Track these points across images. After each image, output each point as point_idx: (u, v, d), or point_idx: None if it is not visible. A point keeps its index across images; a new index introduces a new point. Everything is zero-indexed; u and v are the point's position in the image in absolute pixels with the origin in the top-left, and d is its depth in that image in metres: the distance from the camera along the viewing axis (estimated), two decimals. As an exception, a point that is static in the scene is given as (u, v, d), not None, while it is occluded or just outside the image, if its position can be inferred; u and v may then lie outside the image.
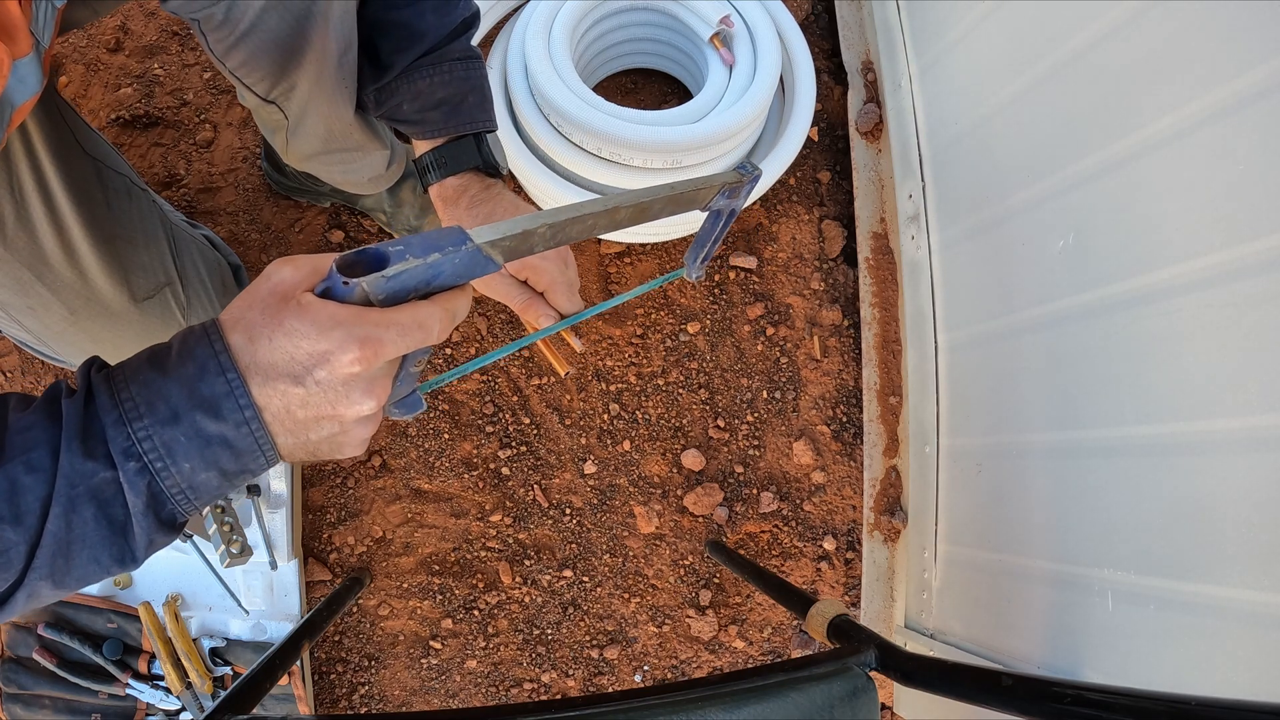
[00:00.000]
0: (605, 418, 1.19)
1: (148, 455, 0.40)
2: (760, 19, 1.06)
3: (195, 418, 0.41)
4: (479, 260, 0.43)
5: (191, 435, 0.41)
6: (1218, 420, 0.64)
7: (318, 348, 0.40)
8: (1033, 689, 0.53)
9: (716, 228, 0.69)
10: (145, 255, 0.86)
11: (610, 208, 0.49)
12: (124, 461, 0.40)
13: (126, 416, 0.40)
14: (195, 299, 0.93)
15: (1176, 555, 0.67)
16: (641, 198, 0.52)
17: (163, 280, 0.88)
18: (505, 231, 0.44)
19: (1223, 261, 0.63)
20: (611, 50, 1.22)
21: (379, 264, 0.41)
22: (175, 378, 0.41)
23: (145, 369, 0.41)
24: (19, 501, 0.39)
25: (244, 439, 0.42)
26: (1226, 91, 0.63)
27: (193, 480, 0.42)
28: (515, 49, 1.06)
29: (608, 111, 0.99)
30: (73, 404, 0.41)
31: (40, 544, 0.40)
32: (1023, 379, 0.91)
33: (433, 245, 0.41)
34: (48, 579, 0.42)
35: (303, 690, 1.12)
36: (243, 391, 0.41)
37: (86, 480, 0.40)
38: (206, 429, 0.41)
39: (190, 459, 0.41)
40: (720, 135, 0.98)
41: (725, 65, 1.05)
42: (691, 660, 1.19)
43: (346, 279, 0.40)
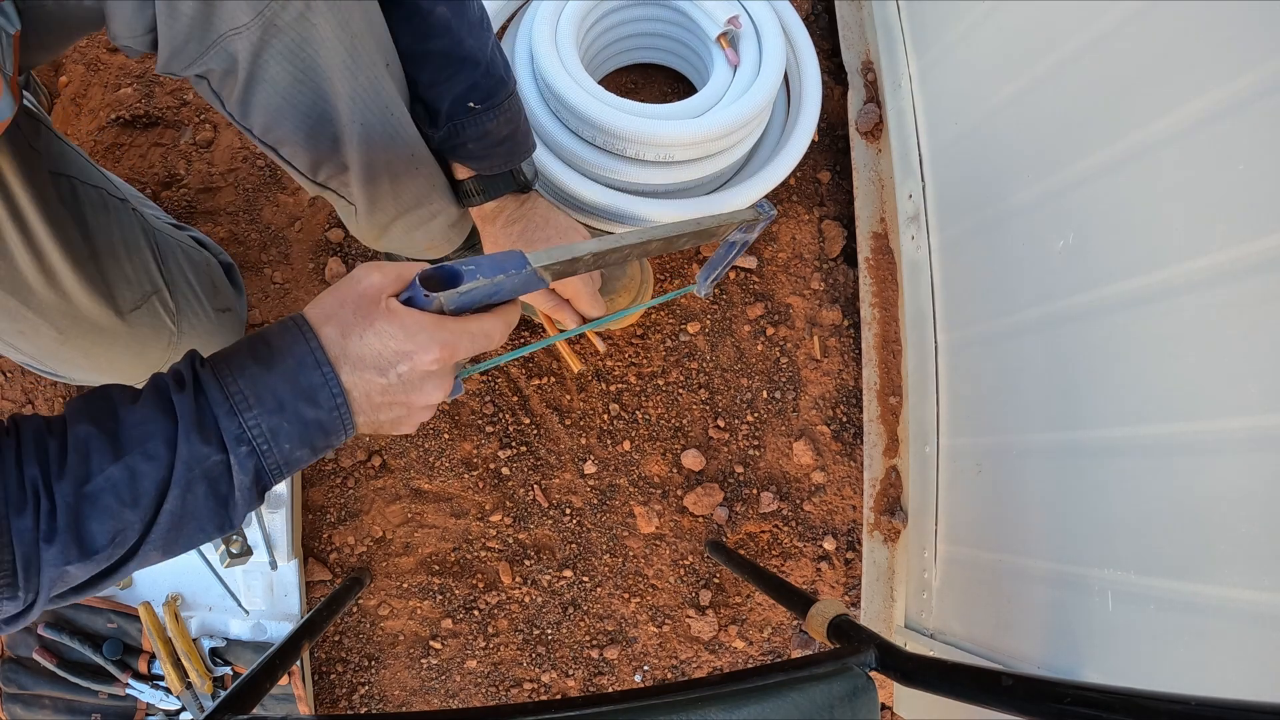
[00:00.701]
0: (605, 418, 1.19)
1: (256, 440, 0.48)
2: (768, 21, 1.06)
3: (298, 406, 0.48)
4: (533, 280, 0.52)
5: (293, 421, 0.48)
6: (1218, 420, 0.64)
7: (404, 347, 0.49)
8: (1033, 689, 0.53)
9: (730, 254, 0.80)
10: (128, 267, 0.85)
11: (644, 240, 0.58)
12: (235, 446, 0.47)
13: (237, 408, 0.47)
14: (184, 303, 0.93)
15: (1177, 555, 0.67)
16: (670, 232, 0.60)
17: (149, 289, 0.87)
18: (557, 257, 0.53)
19: (1223, 261, 0.63)
20: (618, 44, 1.22)
21: (453, 280, 0.49)
22: (278, 372, 0.48)
23: (249, 364, 0.48)
24: (138, 486, 0.45)
25: (334, 421, 0.50)
26: (1226, 92, 0.63)
27: (289, 457, 0.49)
28: (523, 37, 1.06)
29: (608, 102, 0.99)
30: (185, 398, 0.47)
31: (156, 522, 0.47)
32: (1023, 379, 0.91)
33: (498, 267, 0.50)
34: (159, 549, 0.48)
35: (303, 690, 1.12)
36: (335, 382, 0.49)
37: (202, 464, 0.46)
38: (305, 415, 0.49)
39: (290, 440, 0.49)
40: (719, 132, 0.98)
41: (730, 65, 1.05)
42: (691, 660, 1.19)
43: (428, 292, 0.49)
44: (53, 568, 0.44)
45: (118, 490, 0.45)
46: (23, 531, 0.43)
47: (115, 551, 0.46)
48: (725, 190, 1.09)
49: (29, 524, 0.43)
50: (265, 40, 0.58)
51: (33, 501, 0.44)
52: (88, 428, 0.45)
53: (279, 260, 1.20)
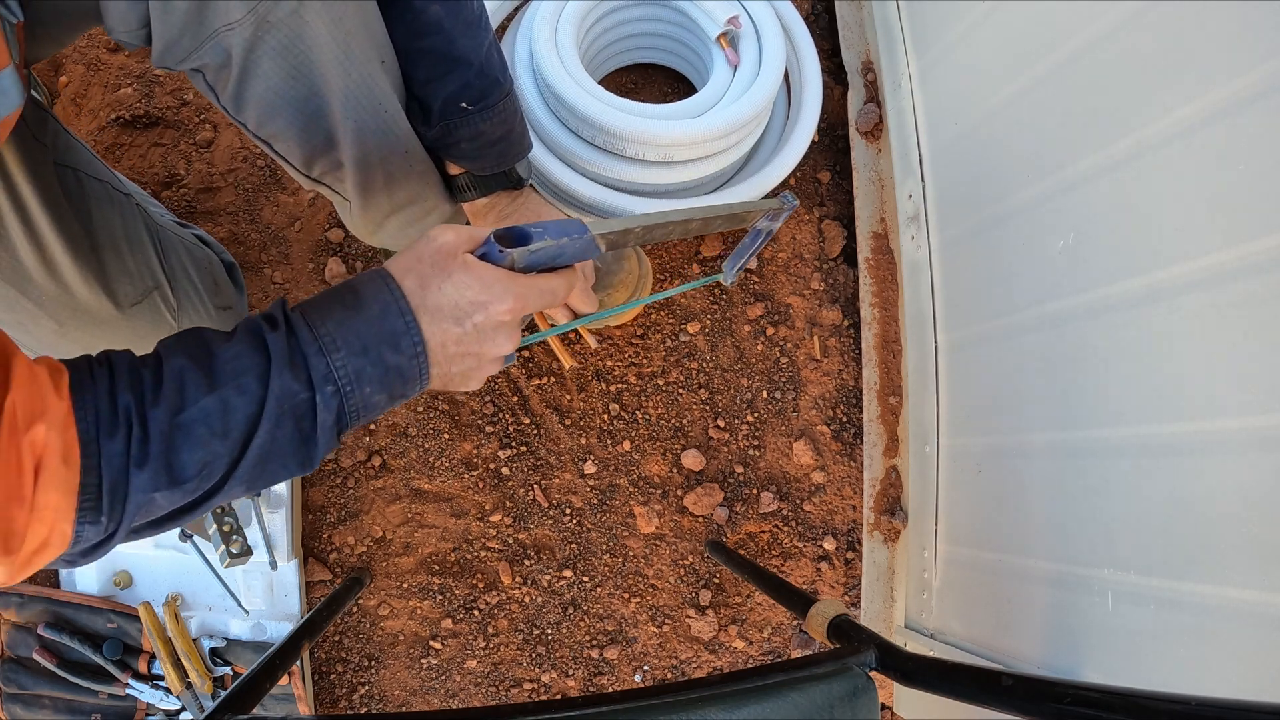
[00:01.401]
0: (605, 418, 1.19)
1: (341, 381, 0.49)
2: (768, 21, 1.06)
3: (381, 350, 0.50)
4: (591, 247, 0.56)
5: (377, 363, 0.50)
6: (1218, 420, 0.64)
7: (480, 298, 0.52)
8: (1033, 689, 0.53)
9: (756, 243, 0.84)
10: (130, 261, 0.85)
11: (684, 219, 0.63)
12: (322, 385, 0.49)
13: (325, 348, 0.49)
14: (185, 299, 0.93)
15: (1177, 555, 0.67)
16: (708, 213, 0.66)
17: (150, 284, 0.87)
18: (613, 227, 0.57)
19: (1223, 262, 0.63)
20: (619, 44, 1.22)
21: (524, 240, 0.53)
22: (364, 317, 0.50)
23: (336, 308, 0.50)
24: (230, 419, 0.46)
25: (412, 368, 0.52)
26: (1226, 92, 0.63)
27: (369, 400, 0.51)
28: (523, 36, 1.06)
29: (608, 102, 0.99)
30: (278, 337, 0.48)
31: (245, 456, 0.47)
32: (1023, 379, 0.91)
33: (563, 230, 0.54)
34: (244, 483, 0.49)
35: (303, 690, 1.12)
36: (416, 329, 0.51)
37: (291, 400, 0.48)
38: (388, 359, 0.51)
39: (372, 384, 0.51)
40: (718, 132, 0.98)
41: (730, 65, 1.05)
42: (691, 660, 1.19)
43: (502, 248, 0.52)
44: (140, 494, 0.45)
45: (210, 421, 0.46)
46: (113, 455, 0.43)
47: (203, 484, 0.47)
48: (725, 190, 1.09)
49: (120, 448, 0.44)
50: (258, 36, 0.58)
51: (125, 427, 0.44)
52: (182, 360, 0.46)
53: (279, 260, 1.20)
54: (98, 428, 0.43)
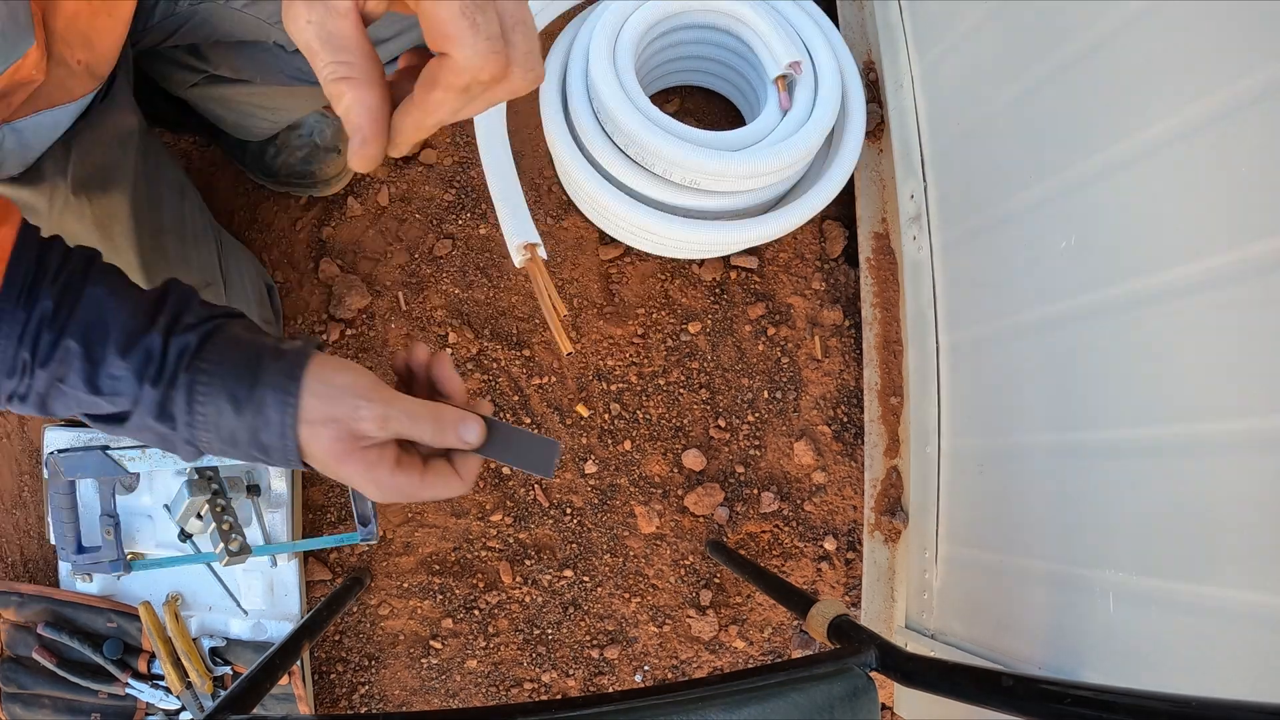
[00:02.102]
0: (606, 417, 1.19)
1: (202, 447, 0.52)
2: (829, 74, 1.03)
3: (250, 451, 0.51)
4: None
5: (244, 454, 0.52)
6: (1219, 422, 0.64)
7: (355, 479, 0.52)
8: (1033, 689, 0.53)
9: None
10: (193, 252, 0.86)
11: None
12: (184, 444, 0.52)
13: (195, 425, 0.51)
14: (237, 303, 0.94)
15: (1178, 556, 0.67)
16: None
17: (207, 279, 0.89)
18: None
19: (1224, 264, 0.63)
20: (676, 63, 1.20)
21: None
22: (245, 420, 0.50)
23: (223, 396, 0.50)
24: (98, 410, 0.52)
25: (284, 464, 0.52)
26: (1227, 94, 0.63)
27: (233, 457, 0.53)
28: (581, 39, 1.05)
29: (649, 116, 0.98)
30: (155, 391, 0.50)
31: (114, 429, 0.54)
32: (1024, 380, 0.91)
33: None
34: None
35: (303, 690, 1.12)
36: (294, 450, 0.50)
37: (153, 429, 0.52)
38: (256, 455, 0.52)
39: (236, 459, 0.53)
40: (747, 172, 0.97)
41: (780, 109, 1.04)
42: (692, 660, 1.19)
43: None
44: (18, 409, 0.54)
45: (82, 404, 0.52)
46: (4, 388, 0.51)
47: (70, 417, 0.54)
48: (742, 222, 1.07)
49: (11, 387, 0.51)
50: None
51: (19, 371, 0.50)
52: (76, 346, 0.50)
53: (280, 261, 1.20)
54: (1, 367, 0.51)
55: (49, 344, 0.50)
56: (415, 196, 1.22)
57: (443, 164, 1.23)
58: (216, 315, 0.54)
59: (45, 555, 1.15)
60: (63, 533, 0.95)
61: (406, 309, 1.19)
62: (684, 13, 1.09)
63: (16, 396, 0.52)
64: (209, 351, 0.51)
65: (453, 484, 0.54)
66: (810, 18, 1.09)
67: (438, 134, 1.24)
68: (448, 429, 0.52)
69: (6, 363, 0.50)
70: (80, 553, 0.96)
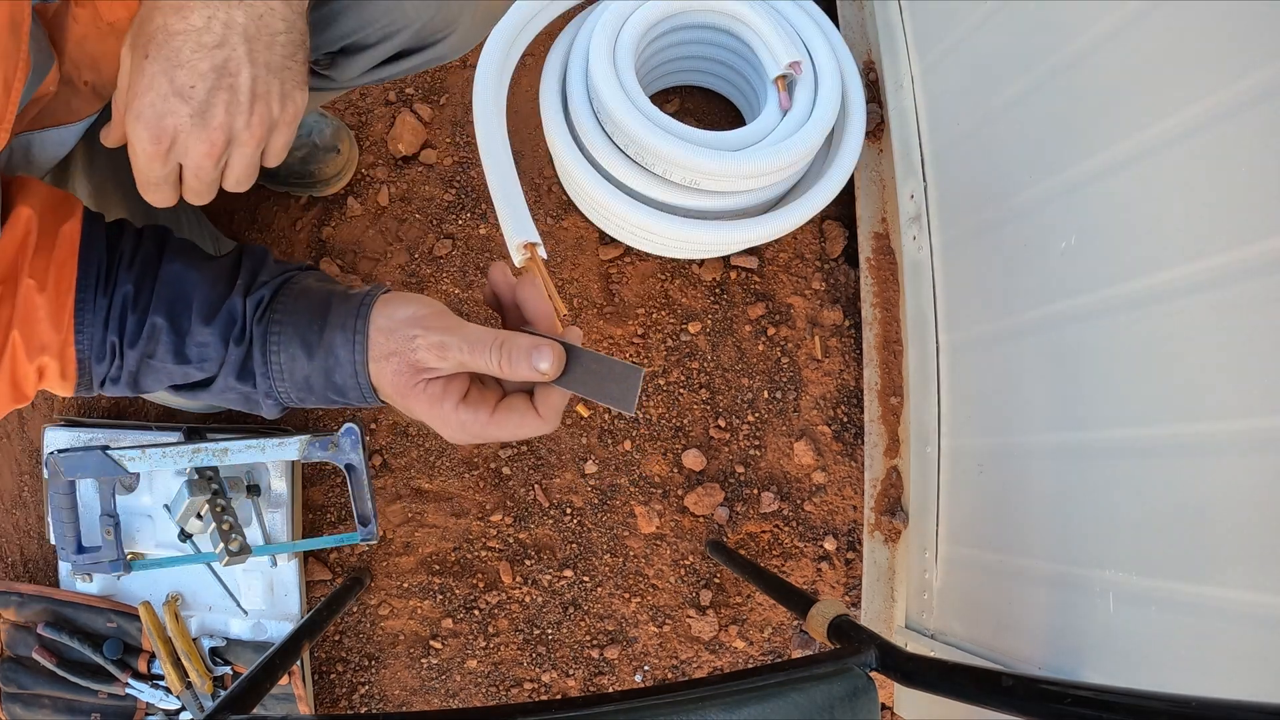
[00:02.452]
0: (606, 417, 1.19)
1: (282, 399, 0.55)
2: (829, 74, 1.03)
3: (326, 393, 0.54)
4: None
5: (320, 398, 0.54)
6: (1219, 422, 0.64)
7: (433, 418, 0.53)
8: (1033, 689, 0.53)
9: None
10: None
11: None
12: (264, 398, 0.55)
13: (272, 375, 0.54)
14: None
15: (1178, 556, 0.67)
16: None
17: None
18: None
19: (1224, 264, 0.63)
20: (677, 63, 1.20)
21: None
22: (317, 363, 0.52)
23: (296, 343, 0.53)
24: (188, 379, 0.56)
25: (359, 402, 0.54)
26: (1228, 94, 0.63)
27: (314, 405, 0.56)
28: (581, 39, 1.05)
29: (649, 115, 0.98)
30: (238, 350, 0.53)
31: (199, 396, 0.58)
32: (1024, 380, 0.91)
33: None
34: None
35: (303, 690, 1.12)
36: (369, 387, 0.52)
37: (237, 389, 0.55)
38: (332, 398, 0.54)
39: (314, 403, 0.55)
40: (747, 172, 0.97)
41: (780, 109, 1.04)
42: (692, 660, 1.19)
43: None
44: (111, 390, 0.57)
45: (171, 375, 0.55)
46: (98, 374, 0.55)
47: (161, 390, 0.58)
48: (744, 221, 1.07)
49: (103, 370, 0.54)
50: None
51: (110, 356, 0.54)
52: (162, 321, 0.53)
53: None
54: (90, 354, 0.53)
55: (135, 324, 0.53)
56: (415, 196, 1.22)
57: (443, 164, 1.23)
58: (290, 269, 0.57)
59: (45, 555, 1.15)
60: (63, 533, 0.95)
61: (406, 309, 1.19)
62: (684, 12, 1.09)
63: (109, 380, 0.55)
64: (280, 302, 0.53)
65: (529, 422, 0.51)
66: (810, 17, 1.09)
67: (438, 134, 1.24)
68: (518, 357, 0.48)
69: (96, 349, 0.53)
70: (80, 553, 0.96)
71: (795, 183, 1.12)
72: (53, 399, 1.15)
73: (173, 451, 0.94)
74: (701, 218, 1.05)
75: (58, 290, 0.51)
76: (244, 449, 0.94)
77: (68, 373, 0.53)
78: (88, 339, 0.52)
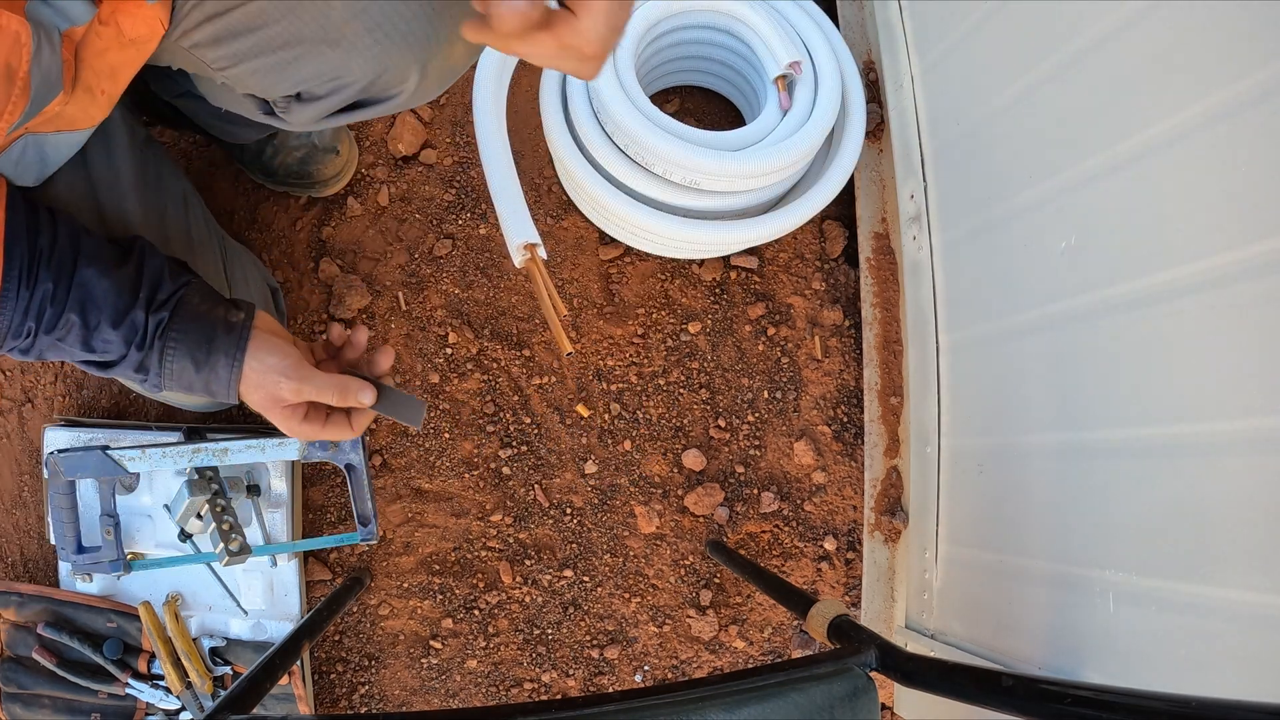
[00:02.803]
0: (606, 417, 1.19)
1: (164, 389, 0.71)
2: (829, 74, 1.03)
3: (199, 390, 0.71)
4: None
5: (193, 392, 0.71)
6: (1219, 422, 0.64)
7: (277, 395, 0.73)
8: (1033, 689, 0.53)
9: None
10: (198, 260, 0.87)
11: None
12: (152, 386, 0.71)
13: (162, 378, 0.70)
14: None
15: (1178, 556, 0.67)
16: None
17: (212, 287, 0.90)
18: None
19: (1224, 264, 0.63)
20: (676, 63, 1.20)
21: None
22: (203, 374, 0.70)
23: (186, 357, 0.69)
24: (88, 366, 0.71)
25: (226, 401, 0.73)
26: (1228, 94, 0.63)
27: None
28: None
29: (649, 115, 0.98)
30: (138, 355, 0.68)
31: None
32: (1024, 380, 0.91)
33: None
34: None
35: (303, 690, 1.12)
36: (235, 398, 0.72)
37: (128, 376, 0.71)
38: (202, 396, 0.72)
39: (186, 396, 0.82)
40: (747, 172, 0.97)
41: (780, 109, 1.04)
42: (692, 660, 1.19)
43: None
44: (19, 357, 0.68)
45: (74, 356, 0.68)
46: (9, 349, 0.65)
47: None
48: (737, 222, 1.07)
49: (13, 344, 0.65)
50: None
51: (22, 336, 0.64)
52: (75, 317, 0.64)
53: (280, 260, 1.20)
54: (7, 332, 0.63)
55: (53, 317, 0.64)
56: (415, 196, 1.22)
57: (443, 164, 1.23)
58: (179, 286, 0.70)
59: (45, 555, 1.15)
60: (63, 533, 0.95)
61: (406, 309, 1.19)
62: (684, 12, 1.09)
63: (17, 350, 0.65)
64: (175, 324, 0.68)
65: (345, 431, 0.77)
66: (810, 17, 1.09)
67: (438, 134, 1.24)
68: (349, 395, 0.74)
69: (14, 329, 0.63)
70: (80, 553, 0.96)
71: (795, 183, 1.12)
72: (54, 399, 1.15)
73: (173, 451, 0.94)
74: (701, 218, 1.05)
75: None
76: (244, 449, 0.94)
77: None
78: (6, 320, 0.62)
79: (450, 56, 0.68)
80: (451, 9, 0.65)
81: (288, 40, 0.62)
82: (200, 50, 0.65)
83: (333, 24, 0.62)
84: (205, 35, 0.64)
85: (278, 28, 0.62)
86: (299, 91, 0.69)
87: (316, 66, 0.65)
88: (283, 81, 0.67)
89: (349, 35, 0.62)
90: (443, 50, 0.67)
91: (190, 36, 0.64)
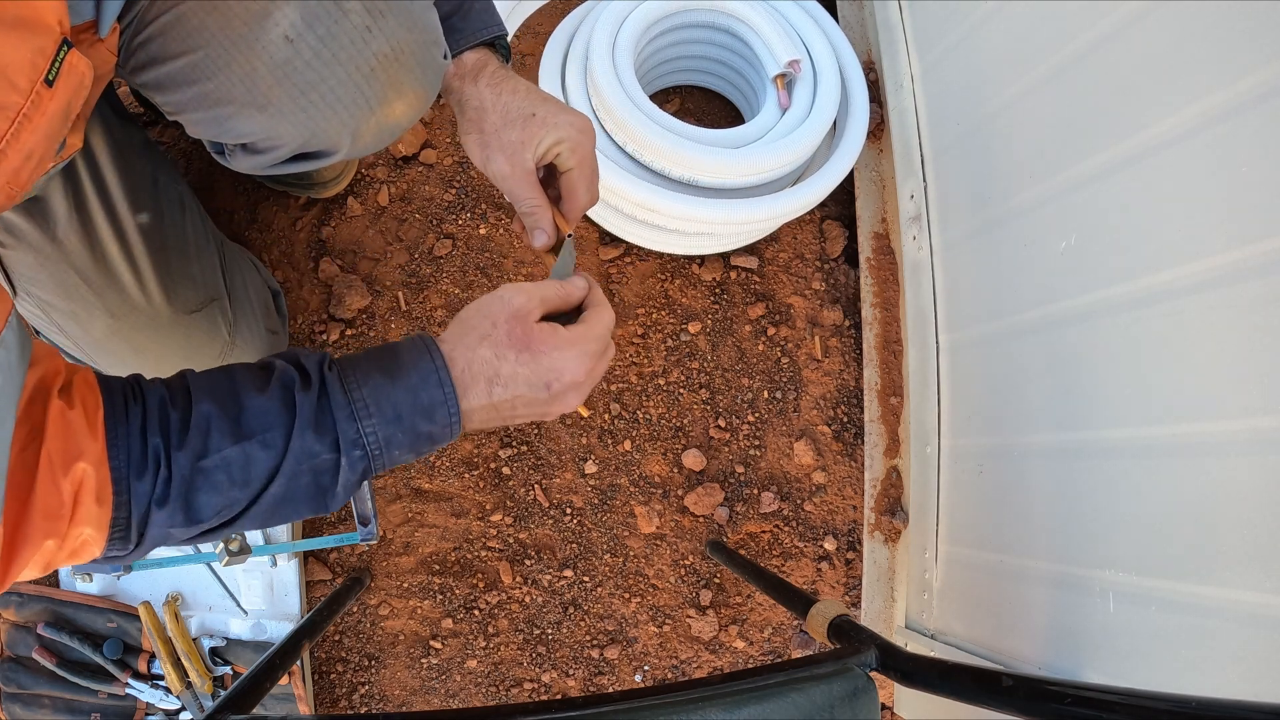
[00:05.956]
0: (606, 417, 1.19)
1: (370, 446, 0.52)
2: (828, 72, 1.03)
3: (415, 420, 0.53)
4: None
5: (409, 431, 0.53)
6: (1219, 422, 0.64)
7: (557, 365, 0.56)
8: (1033, 689, 0.53)
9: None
10: (196, 268, 0.86)
11: None
12: (350, 449, 0.52)
13: (358, 414, 0.52)
14: (242, 316, 0.94)
15: (1178, 556, 0.67)
16: None
17: (211, 295, 0.89)
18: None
19: (1224, 264, 0.63)
20: (676, 62, 1.21)
21: None
22: (401, 386, 0.53)
23: (374, 373, 0.53)
24: (250, 470, 0.50)
25: (445, 434, 0.55)
26: (1228, 94, 0.63)
27: (396, 459, 0.54)
28: (581, 37, 1.05)
29: (649, 114, 0.98)
30: (308, 397, 0.51)
31: (259, 501, 0.51)
32: (1024, 380, 0.91)
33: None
34: (256, 522, 0.53)
35: (303, 690, 1.12)
36: (454, 401, 0.53)
37: (312, 460, 0.51)
38: (420, 428, 0.53)
39: (401, 448, 0.53)
40: (748, 169, 0.98)
41: (780, 107, 1.04)
42: (692, 660, 1.19)
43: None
44: (159, 529, 0.49)
45: (230, 471, 0.49)
46: (140, 494, 0.48)
47: (216, 521, 0.50)
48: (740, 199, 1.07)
49: (147, 488, 0.48)
50: None
51: (153, 467, 0.48)
52: (211, 407, 0.49)
53: (280, 260, 1.20)
54: (129, 468, 0.47)
55: (180, 420, 0.49)
56: (415, 196, 1.22)
57: (443, 164, 1.23)
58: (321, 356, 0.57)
59: (45, 555, 1.15)
60: (63, 533, 0.95)
61: (406, 309, 1.19)
62: (683, 11, 1.09)
63: (155, 502, 0.48)
64: (340, 358, 0.55)
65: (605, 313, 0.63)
66: (809, 15, 1.09)
67: (438, 134, 1.24)
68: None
69: (135, 461, 0.47)
70: (80, 553, 0.96)
71: (795, 181, 1.12)
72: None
73: (173, 451, 0.94)
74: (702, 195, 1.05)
75: (85, 407, 0.47)
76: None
77: (104, 496, 0.46)
78: (123, 451, 0.47)
79: (388, 117, 0.65)
80: (389, 71, 0.62)
81: (220, 99, 0.60)
82: (149, 92, 0.63)
83: (259, 89, 0.59)
84: (150, 79, 0.61)
85: (211, 84, 0.59)
86: (242, 144, 0.67)
87: (249, 126, 0.62)
88: (224, 134, 0.65)
89: (275, 101, 0.60)
90: (377, 113, 0.64)
91: (138, 76, 0.62)
